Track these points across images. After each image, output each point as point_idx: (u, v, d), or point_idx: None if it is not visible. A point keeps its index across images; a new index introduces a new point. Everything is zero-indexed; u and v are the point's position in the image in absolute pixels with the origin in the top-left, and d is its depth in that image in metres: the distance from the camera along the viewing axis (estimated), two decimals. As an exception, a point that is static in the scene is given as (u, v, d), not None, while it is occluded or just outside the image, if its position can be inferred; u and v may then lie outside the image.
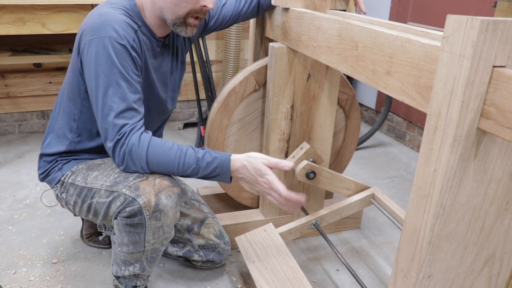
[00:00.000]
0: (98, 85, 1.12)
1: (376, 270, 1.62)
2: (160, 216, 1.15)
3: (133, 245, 1.21)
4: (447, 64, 0.69)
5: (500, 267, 0.88)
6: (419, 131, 2.71)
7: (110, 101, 1.11)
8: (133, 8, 1.20)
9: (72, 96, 1.26)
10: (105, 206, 1.19)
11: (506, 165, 0.77)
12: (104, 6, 1.18)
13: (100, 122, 1.15)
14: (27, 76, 2.63)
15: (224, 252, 1.53)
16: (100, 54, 1.10)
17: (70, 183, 1.27)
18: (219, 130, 1.58)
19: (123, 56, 1.12)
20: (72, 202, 1.28)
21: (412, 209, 0.81)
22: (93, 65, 1.11)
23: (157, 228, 1.18)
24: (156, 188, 1.14)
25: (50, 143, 1.32)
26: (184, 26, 1.20)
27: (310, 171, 1.53)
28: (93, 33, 1.12)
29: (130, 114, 1.13)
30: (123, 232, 1.20)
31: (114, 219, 1.21)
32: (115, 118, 1.11)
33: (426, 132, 0.76)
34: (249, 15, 1.52)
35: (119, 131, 1.12)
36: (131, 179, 1.16)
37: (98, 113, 1.14)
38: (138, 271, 1.29)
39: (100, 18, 1.13)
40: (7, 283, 1.46)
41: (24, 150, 2.52)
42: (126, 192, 1.14)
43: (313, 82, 1.52)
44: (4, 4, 1.97)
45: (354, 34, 1.04)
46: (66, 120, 1.29)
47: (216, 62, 2.96)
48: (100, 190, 1.20)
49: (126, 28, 1.14)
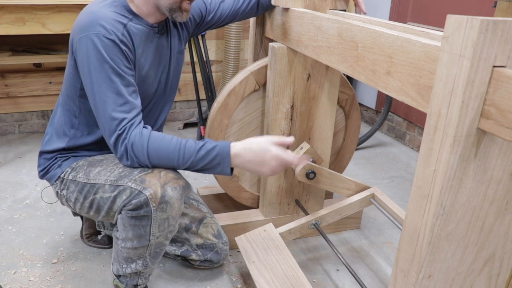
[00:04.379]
0: (92, 82, 1.13)
1: (376, 270, 1.62)
2: (166, 207, 1.16)
3: (137, 239, 1.21)
4: (447, 64, 0.69)
5: (500, 267, 0.88)
6: (419, 131, 2.71)
7: (105, 97, 1.13)
8: (121, 2, 1.20)
9: (70, 94, 1.27)
10: (110, 200, 1.20)
11: (506, 165, 0.77)
12: (93, 4, 1.20)
13: (99, 119, 1.16)
14: (27, 76, 2.63)
15: (222, 252, 1.52)
16: (91, 51, 1.12)
17: (70, 179, 1.27)
18: (219, 130, 1.58)
19: (112, 51, 1.13)
20: (73, 199, 1.28)
21: (412, 209, 0.81)
22: (85, 63, 1.13)
23: (163, 220, 1.18)
24: (161, 180, 1.15)
25: (50, 140, 1.33)
26: (180, 11, 1.22)
27: (310, 171, 1.53)
28: (82, 31, 1.13)
29: (127, 108, 1.14)
30: (128, 226, 1.20)
31: (118, 213, 1.22)
32: (113, 113, 1.13)
33: (426, 132, 0.76)
34: (247, 14, 1.52)
35: (119, 126, 1.13)
36: (136, 173, 1.17)
37: (95, 109, 1.16)
38: (140, 268, 1.29)
39: (89, 17, 1.14)
40: (7, 283, 1.46)
41: (24, 150, 2.52)
42: (131, 185, 1.15)
43: (313, 82, 1.52)
44: (4, 4, 1.97)
45: (354, 34, 1.04)
46: (66, 117, 1.30)
47: (216, 62, 2.96)
48: (104, 185, 1.20)
49: (114, 23, 1.15)
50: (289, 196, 1.70)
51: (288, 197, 1.70)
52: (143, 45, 1.24)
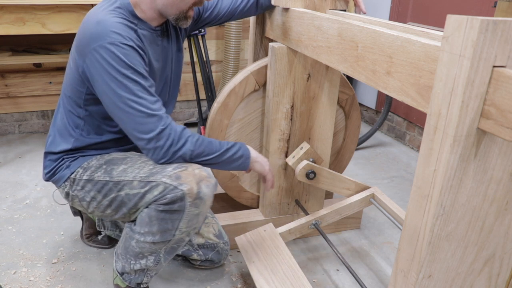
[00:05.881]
0: (117, 88, 1.13)
1: (376, 270, 1.62)
2: (200, 203, 1.20)
3: (161, 233, 1.23)
4: (447, 64, 0.69)
5: (500, 267, 0.88)
6: (419, 131, 2.71)
7: (136, 97, 1.14)
8: (127, 7, 1.20)
9: (73, 97, 1.27)
10: (138, 197, 1.21)
11: (506, 165, 0.77)
12: (99, 12, 1.18)
13: (129, 120, 1.16)
14: (27, 76, 2.63)
15: (223, 251, 1.53)
16: (109, 59, 1.12)
17: (86, 179, 1.27)
18: (219, 130, 1.58)
19: (132, 55, 1.14)
20: (89, 198, 1.28)
21: (412, 209, 0.81)
22: (105, 71, 1.13)
23: (194, 215, 1.22)
24: (197, 178, 1.19)
25: (54, 141, 1.32)
26: (185, 19, 1.25)
27: (310, 171, 1.53)
28: (94, 40, 1.13)
29: (160, 105, 1.18)
30: (155, 220, 1.21)
31: (144, 208, 1.23)
32: (150, 110, 1.15)
33: (426, 132, 0.76)
34: (246, 13, 1.52)
35: (161, 122, 1.16)
36: (170, 170, 1.19)
37: (122, 112, 1.15)
38: (150, 265, 1.30)
39: (99, 26, 1.14)
40: (7, 283, 1.46)
41: (24, 150, 2.52)
42: (166, 181, 1.17)
43: (313, 82, 1.52)
44: (4, 4, 1.97)
45: (354, 34, 1.04)
46: (70, 119, 1.30)
47: (216, 62, 2.96)
48: (132, 182, 1.22)
49: (127, 29, 1.16)
50: (289, 196, 1.70)
51: (288, 197, 1.70)
52: (150, 48, 1.25)
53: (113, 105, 1.15)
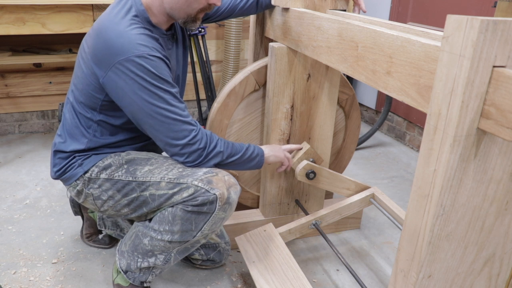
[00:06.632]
0: (150, 99, 1.15)
1: (376, 270, 1.62)
2: (227, 208, 1.25)
3: (181, 233, 1.24)
4: (447, 64, 0.69)
5: (500, 267, 0.88)
6: (419, 131, 2.71)
7: (171, 106, 1.17)
8: (143, 14, 1.20)
9: (88, 102, 1.26)
10: (165, 197, 1.23)
11: (506, 165, 0.77)
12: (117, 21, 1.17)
13: (166, 129, 1.18)
14: (27, 76, 2.63)
15: (224, 251, 1.53)
16: (141, 72, 1.13)
17: (105, 178, 1.28)
18: (219, 130, 1.58)
19: (160, 65, 1.16)
20: (106, 197, 1.29)
21: (412, 209, 0.81)
22: (136, 83, 1.14)
23: (219, 219, 1.25)
24: (227, 184, 1.24)
25: (65, 140, 1.31)
26: (194, 22, 1.27)
27: (310, 171, 1.53)
28: (120, 54, 1.13)
29: (187, 111, 1.24)
30: (178, 219, 1.23)
31: (169, 207, 1.24)
32: (184, 118, 1.19)
33: (426, 132, 0.76)
34: (246, 11, 1.52)
35: (194, 128, 1.21)
36: (201, 174, 1.23)
37: (160, 122, 1.18)
38: (159, 263, 1.31)
39: (122, 39, 1.14)
40: (7, 283, 1.46)
41: (24, 150, 2.52)
42: (198, 184, 1.21)
43: (313, 82, 1.52)
44: (4, 4, 1.97)
45: (354, 34, 1.04)
46: (81, 120, 1.29)
47: (216, 62, 2.96)
48: (160, 183, 1.23)
49: (151, 40, 1.17)
50: (289, 196, 1.70)
51: (288, 197, 1.70)
52: (167, 54, 1.26)
53: (145, 114, 1.17)
